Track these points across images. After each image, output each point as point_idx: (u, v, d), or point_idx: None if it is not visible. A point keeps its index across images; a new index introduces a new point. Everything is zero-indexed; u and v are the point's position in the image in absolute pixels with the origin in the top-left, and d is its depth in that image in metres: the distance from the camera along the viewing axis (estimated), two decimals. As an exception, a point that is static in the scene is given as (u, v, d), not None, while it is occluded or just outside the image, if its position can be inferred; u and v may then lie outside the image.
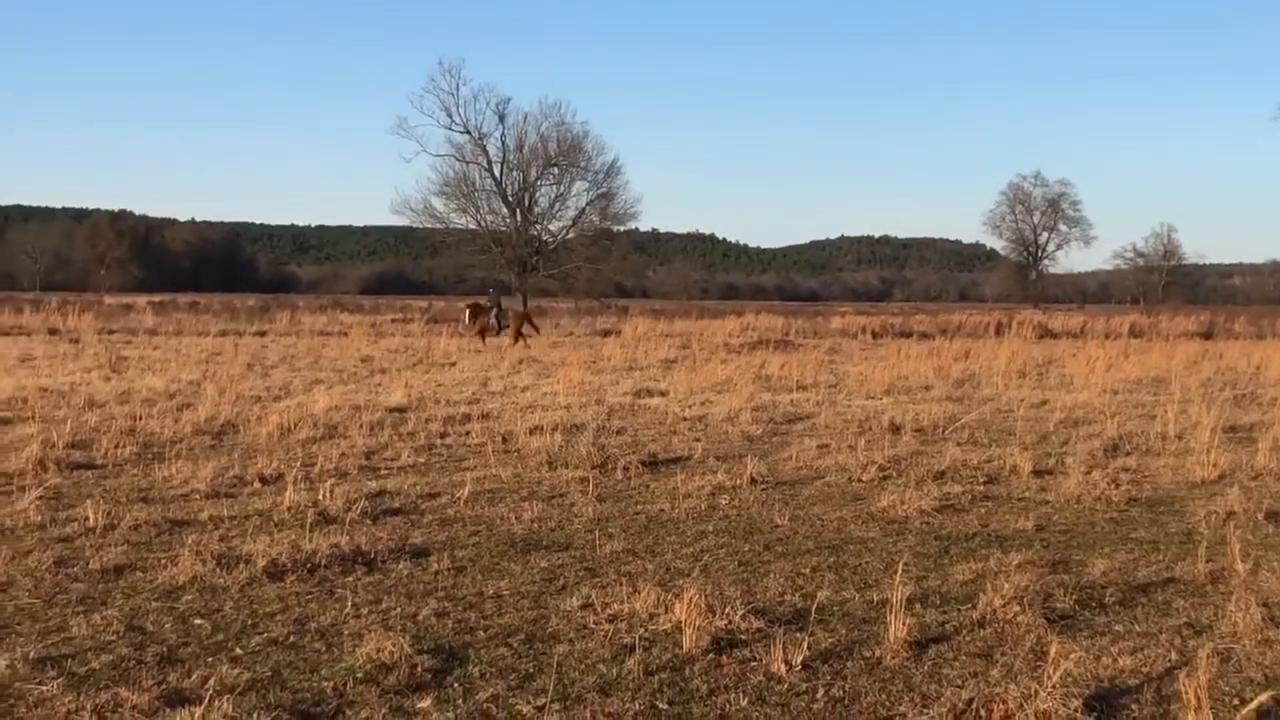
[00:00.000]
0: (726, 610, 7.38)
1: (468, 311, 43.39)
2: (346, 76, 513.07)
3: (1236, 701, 6.08)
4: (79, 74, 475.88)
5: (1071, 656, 6.45)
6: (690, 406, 19.64)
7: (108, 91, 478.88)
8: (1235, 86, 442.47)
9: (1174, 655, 6.86)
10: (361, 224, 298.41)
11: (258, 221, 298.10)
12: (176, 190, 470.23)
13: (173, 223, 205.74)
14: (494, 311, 42.53)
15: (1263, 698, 5.97)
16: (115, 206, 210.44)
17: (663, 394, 22.03)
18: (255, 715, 5.70)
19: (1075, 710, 5.80)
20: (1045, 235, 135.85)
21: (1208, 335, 57.04)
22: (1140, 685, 6.35)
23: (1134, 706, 6.04)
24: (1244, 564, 8.85)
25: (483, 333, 41.54)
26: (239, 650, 6.78)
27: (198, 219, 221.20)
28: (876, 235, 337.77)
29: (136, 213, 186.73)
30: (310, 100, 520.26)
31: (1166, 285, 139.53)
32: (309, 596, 7.94)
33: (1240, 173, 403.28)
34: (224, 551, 8.84)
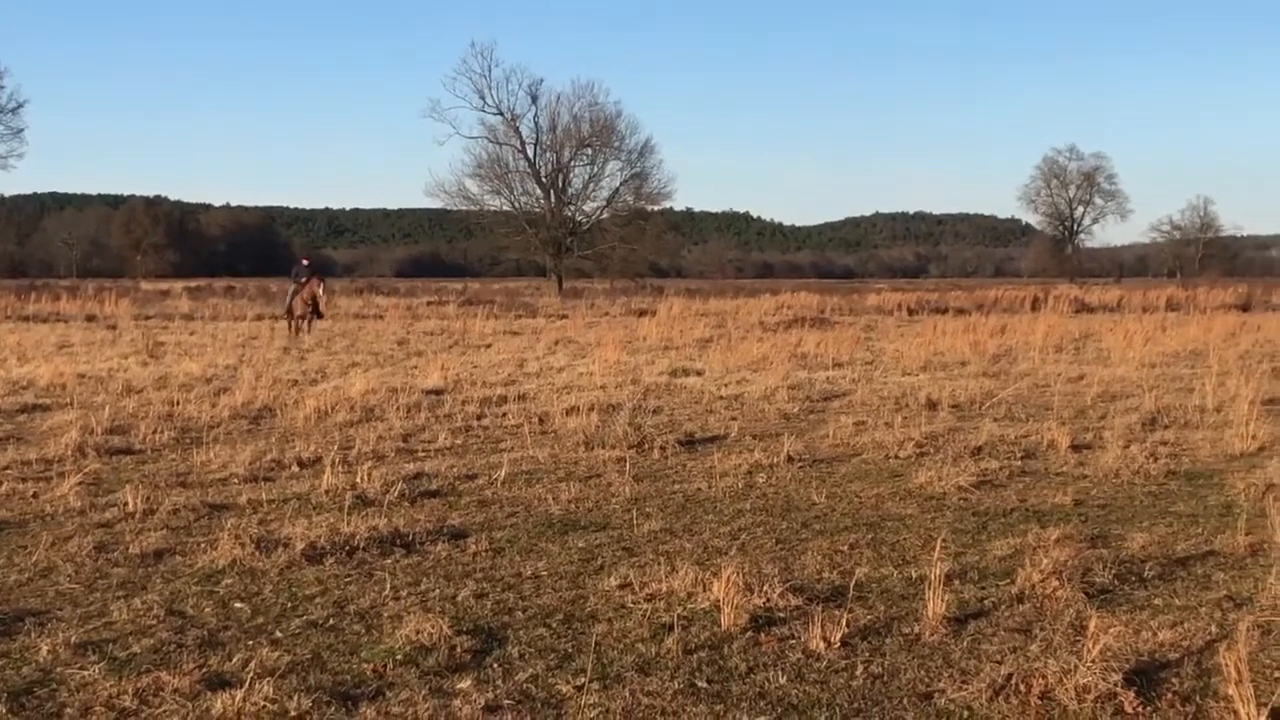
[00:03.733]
0: (765, 588, 7.38)
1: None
2: (378, 59, 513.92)
3: (1278, 674, 6.05)
4: (111, 61, 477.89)
5: (1111, 631, 6.42)
6: (726, 385, 19.63)
7: (141, 78, 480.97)
8: (1271, 55, 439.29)
9: (1214, 628, 6.82)
10: (396, 207, 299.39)
11: (292, 205, 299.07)
12: (211, 175, 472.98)
13: (207, 208, 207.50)
14: (290, 291, 35.20)
15: (1305, 670, 5.94)
16: (150, 193, 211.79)
17: (699, 373, 22.04)
18: (296, 698, 5.72)
19: (1115, 684, 5.76)
20: (1081, 209, 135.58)
21: (1245, 308, 56.71)
22: (1180, 659, 6.32)
23: (1174, 680, 6.01)
24: (1284, 536, 8.81)
25: (293, 316, 34.83)
26: (279, 633, 6.81)
27: (232, 204, 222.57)
28: (911, 211, 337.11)
29: (171, 198, 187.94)
30: (342, 83, 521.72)
31: (1203, 258, 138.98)
32: (348, 579, 7.97)
33: (1278, 142, 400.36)
34: (263, 535, 8.87)
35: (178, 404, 16.28)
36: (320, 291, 34.13)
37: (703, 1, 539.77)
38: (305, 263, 35.99)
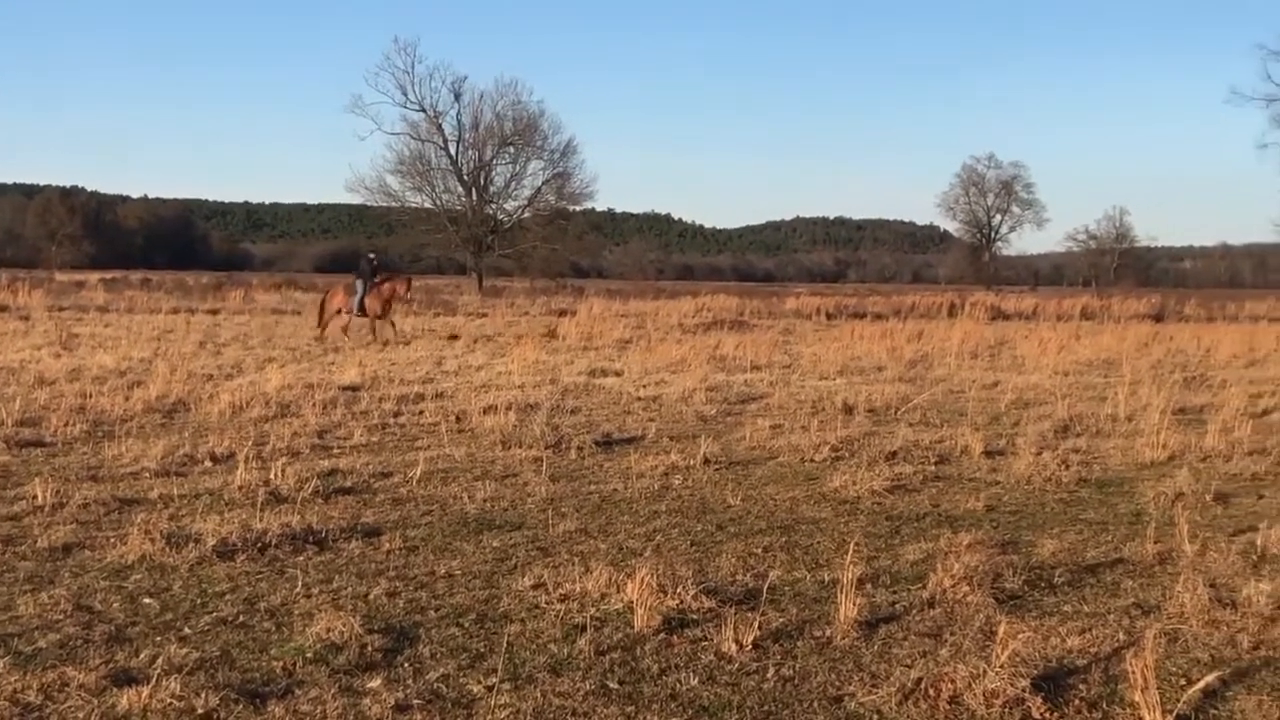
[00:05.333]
0: (678, 590, 7.39)
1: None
2: (301, 52, 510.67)
3: (1183, 682, 6.12)
4: (27, 50, 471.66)
5: (1020, 636, 6.49)
6: (645, 386, 19.65)
7: (58, 68, 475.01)
8: (1188, 70, 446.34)
9: (1122, 635, 6.91)
10: (316, 202, 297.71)
11: (211, 198, 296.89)
12: (129, 167, 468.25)
13: (125, 199, 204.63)
14: (360, 287, 31.75)
15: (1209, 678, 6.01)
16: (67, 183, 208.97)
17: (617, 374, 22.05)
18: (203, 695, 5.67)
19: (1023, 690, 5.82)
20: (998, 217, 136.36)
21: (1158, 318, 57.42)
22: (1088, 665, 6.39)
23: (1081, 686, 6.07)
24: (1192, 545, 8.92)
25: (366, 315, 31.58)
26: (187, 630, 6.75)
27: (150, 196, 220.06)
28: (831, 216, 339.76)
29: (88, 189, 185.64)
30: (264, 76, 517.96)
31: (1118, 267, 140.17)
32: (259, 576, 7.91)
33: (1192, 156, 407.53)
34: (173, 530, 8.79)
35: (90, 396, 16.11)
36: (405, 292, 32.26)
37: (627, 4, 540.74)
38: (373, 257, 33.39)
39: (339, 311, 31.84)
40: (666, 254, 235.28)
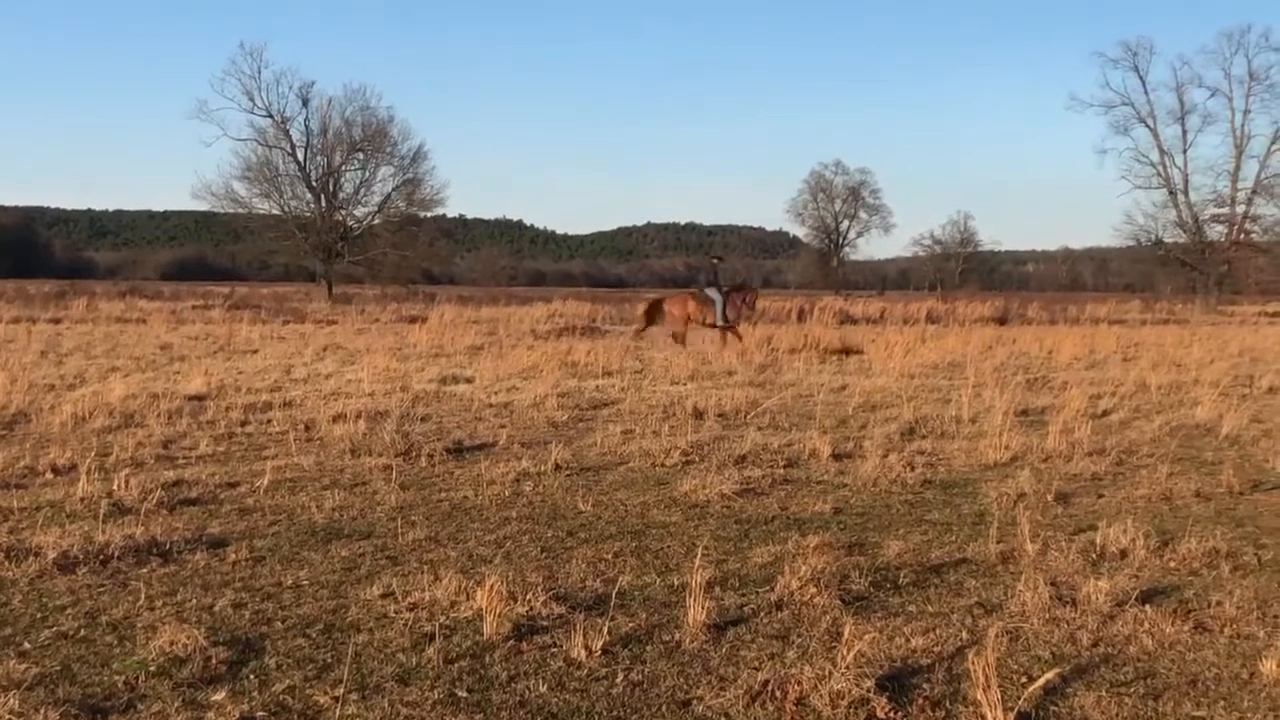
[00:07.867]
0: (528, 597, 7.39)
1: (666, 305, 33.56)
2: (146, 57, 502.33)
3: (1025, 679, 6.23)
4: None
5: (865, 637, 6.57)
6: (496, 393, 19.58)
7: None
8: (1030, 78, 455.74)
9: (965, 635, 7.02)
10: (161, 209, 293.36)
11: (53, 206, 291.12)
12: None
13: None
14: (718, 294, 32.16)
15: (1049, 675, 6.13)
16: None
17: (469, 381, 21.94)
18: (43, 711, 5.56)
19: (868, 690, 5.90)
20: (846, 223, 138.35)
21: (1002, 321, 58.43)
22: (932, 665, 6.48)
23: (925, 685, 6.16)
24: (1033, 544, 9.09)
25: (725, 323, 31.97)
26: (26, 645, 6.61)
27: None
28: (682, 222, 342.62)
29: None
30: (107, 81, 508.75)
31: (963, 272, 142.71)
32: (101, 589, 7.77)
33: (1034, 162, 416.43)
34: (12, 544, 8.59)
35: (-75, 409, 15.71)
36: (753, 304, 32.66)
37: (476, 11, 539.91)
38: (717, 262, 33.78)
39: (688, 321, 32.28)
40: (518, 260, 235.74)
